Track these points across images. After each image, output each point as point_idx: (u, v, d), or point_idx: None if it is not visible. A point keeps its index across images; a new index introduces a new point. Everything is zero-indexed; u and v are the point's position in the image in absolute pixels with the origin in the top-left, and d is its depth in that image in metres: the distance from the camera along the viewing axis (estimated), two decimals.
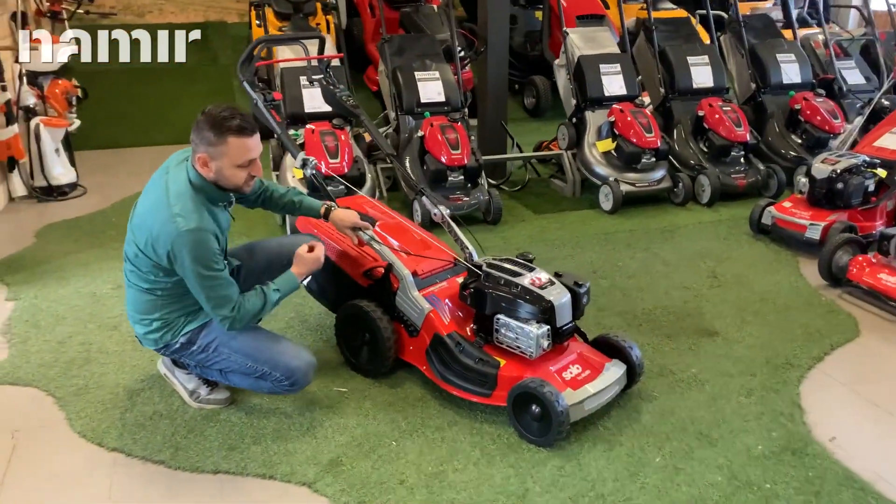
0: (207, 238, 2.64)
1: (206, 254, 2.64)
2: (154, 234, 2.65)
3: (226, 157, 2.66)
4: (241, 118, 2.66)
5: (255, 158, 2.75)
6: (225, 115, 2.64)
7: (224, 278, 2.71)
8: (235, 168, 2.70)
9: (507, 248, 4.62)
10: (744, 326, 3.64)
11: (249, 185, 2.82)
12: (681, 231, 4.93)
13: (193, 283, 2.67)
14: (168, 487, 2.57)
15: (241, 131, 2.65)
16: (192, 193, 2.68)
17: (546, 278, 2.93)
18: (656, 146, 5.25)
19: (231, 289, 2.73)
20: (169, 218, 2.62)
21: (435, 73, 5.37)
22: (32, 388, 3.13)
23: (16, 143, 5.47)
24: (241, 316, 2.73)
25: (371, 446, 2.75)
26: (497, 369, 2.85)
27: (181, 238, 2.59)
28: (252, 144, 2.71)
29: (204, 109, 2.68)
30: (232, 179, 2.73)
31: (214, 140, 2.63)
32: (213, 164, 2.67)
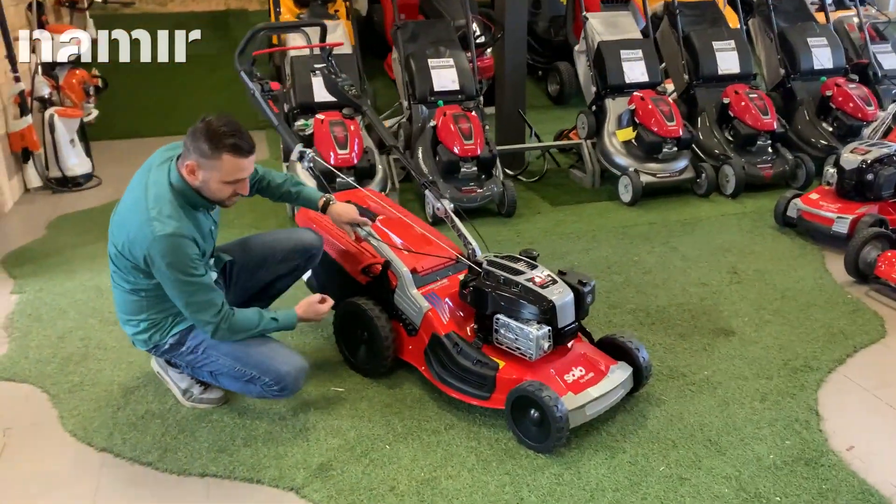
0: (184, 243, 2.55)
1: (183, 259, 2.54)
2: (131, 236, 2.58)
3: (216, 171, 2.58)
4: (239, 136, 2.57)
5: (245, 178, 2.67)
6: (224, 130, 2.54)
7: (203, 284, 2.61)
8: (223, 184, 2.62)
9: (520, 242, 4.49)
10: (762, 326, 3.47)
11: (232, 201, 2.72)
12: (702, 224, 4.75)
13: (170, 288, 2.59)
14: (154, 491, 2.51)
15: (237, 150, 2.57)
16: (172, 196, 2.59)
17: (548, 277, 2.80)
18: (678, 135, 5.07)
19: (212, 294, 2.64)
20: (146, 221, 2.53)
21: (449, 61, 5.24)
22: (28, 385, 3.10)
23: (30, 135, 5.47)
24: (227, 325, 2.65)
25: (364, 450, 2.66)
26: (495, 371, 2.74)
27: (157, 243, 2.51)
28: (245, 164, 2.63)
29: (204, 117, 2.59)
30: (217, 193, 2.65)
31: (209, 153, 2.54)
32: (201, 174, 2.59)
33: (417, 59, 5.22)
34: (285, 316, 2.81)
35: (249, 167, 2.65)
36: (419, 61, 5.21)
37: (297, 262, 3.09)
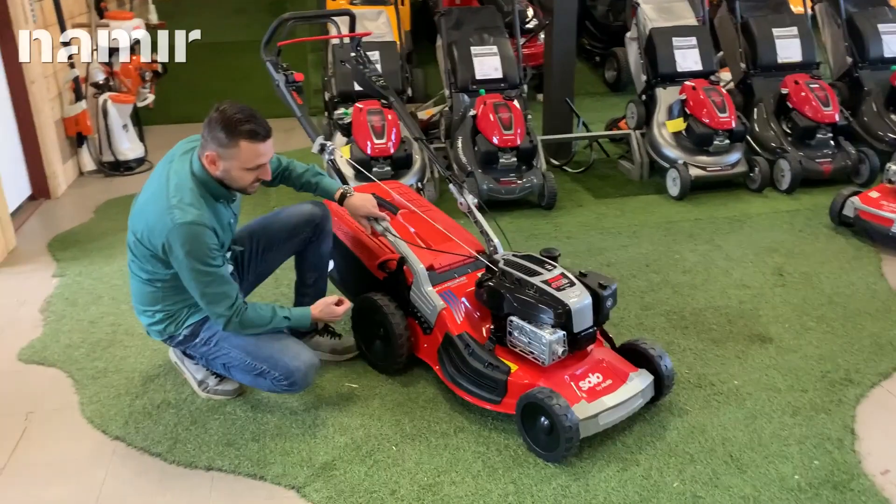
0: (203, 232, 2.55)
1: (202, 248, 2.54)
2: (150, 224, 2.59)
3: (235, 159, 2.58)
4: (255, 122, 2.56)
5: (265, 163, 2.66)
6: (239, 117, 2.54)
7: (220, 275, 2.61)
8: (244, 171, 2.62)
9: (557, 237, 4.37)
10: (803, 333, 3.28)
11: (254, 188, 2.72)
12: (752, 221, 4.53)
13: (187, 277, 2.59)
14: (159, 482, 2.52)
15: (253, 136, 2.56)
16: (193, 185, 2.60)
17: (566, 278, 2.69)
18: (730, 127, 4.84)
19: (227, 286, 2.64)
20: (166, 209, 2.54)
21: (492, 48, 5.13)
22: (55, 369, 3.17)
23: (83, 119, 5.61)
24: (240, 319, 2.64)
25: (370, 449, 2.62)
26: (507, 375, 2.65)
27: (176, 231, 2.52)
28: (263, 150, 2.61)
29: (218, 106, 2.58)
30: (238, 181, 2.65)
31: (226, 142, 2.54)
32: (222, 164, 2.59)
33: (460, 46, 5.12)
34: (299, 314, 2.78)
35: (268, 151, 2.64)
36: (462, 49, 5.11)
37: (304, 234, 3.03)
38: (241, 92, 7.73)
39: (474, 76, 5.06)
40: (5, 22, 4.84)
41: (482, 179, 4.65)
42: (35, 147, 5.17)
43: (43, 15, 5.28)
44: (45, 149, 5.21)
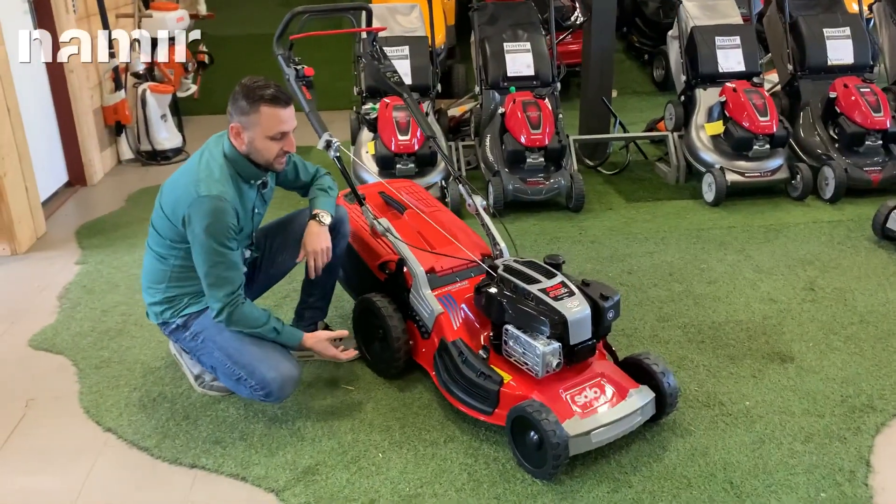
0: (225, 208, 2.54)
1: (219, 226, 2.53)
2: (177, 196, 2.61)
3: (258, 126, 2.58)
4: (276, 89, 2.59)
5: (288, 132, 2.65)
6: (259, 84, 2.59)
7: (230, 259, 2.60)
8: (267, 140, 2.61)
9: (581, 241, 4.24)
10: (827, 353, 3.09)
11: (282, 163, 2.71)
12: (789, 231, 4.32)
13: (198, 251, 2.57)
14: (142, 477, 2.51)
15: (273, 101, 2.57)
16: (223, 164, 2.62)
17: (565, 287, 2.58)
18: (771, 132, 4.62)
19: (234, 273, 2.61)
20: (192, 182, 2.57)
21: (525, 45, 5.01)
22: (62, 357, 3.20)
23: (122, 108, 5.70)
24: (233, 311, 2.60)
25: (355, 455, 2.56)
26: (499, 386, 2.56)
27: (198, 203, 2.52)
28: (285, 116, 2.61)
29: (241, 81, 2.62)
30: (264, 153, 2.64)
31: (247, 109, 2.56)
32: (246, 135, 2.60)
33: (492, 42, 5.02)
34: (290, 333, 2.72)
35: (289, 119, 2.62)
36: (494, 45, 5.01)
37: None
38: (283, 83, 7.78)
39: (505, 73, 4.95)
40: (46, 12, 4.94)
41: (508, 179, 4.55)
42: (73, 135, 5.27)
43: (85, 6, 5.38)
44: (82, 137, 5.30)
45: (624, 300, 3.54)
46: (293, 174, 2.98)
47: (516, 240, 4.24)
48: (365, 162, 4.65)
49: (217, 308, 2.61)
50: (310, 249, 2.80)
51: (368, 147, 4.66)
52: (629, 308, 3.49)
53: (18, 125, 4.29)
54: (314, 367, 3.07)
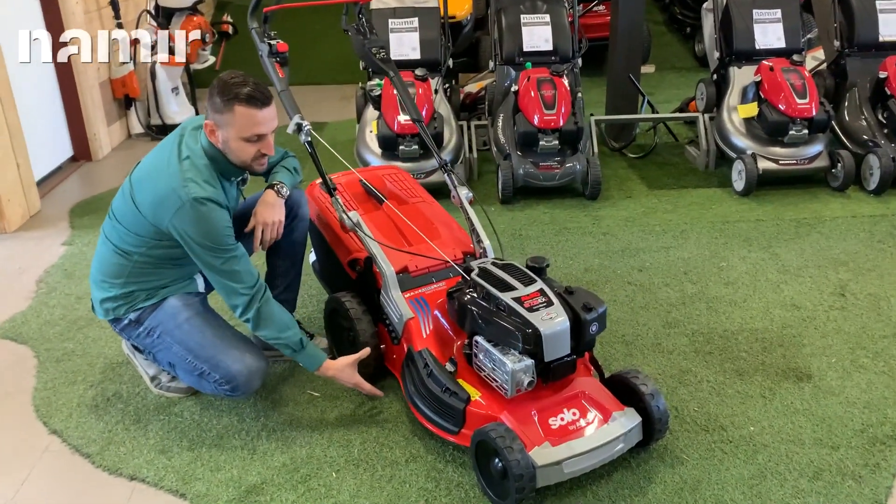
0: (218, 211, 2.36)
1: (217, 228, 2.36)
2: (160, 194, 2.38)
3: (232, 127, 2.38)
4: (254, 87, 2.37)
5: (266, 134, 2.43)
6: (236, 80, 2.37)
7: (239, 254, 2.41)
8: (242, 141, 2.40)
9: (593, 232, 3.92)
10: (852, 372, 2.75)
11: (261, 165, 2.51)
12: (824, 226, 3.93)
13: (201, 258, 2.38)
14: (79, 488, 2.33)
15: (249, 100, 2.35)
16: (206, 162, 2.42)
17: (543, 296, 2.29)
18: (810, 115, 4.21)
19: (247, 265, 2.42)
20: (180, 182, 2.34)
21: (545, 17, 4.67)
22: (26, 348, 3.06)
23: (131, 81, 5.54)
24: (265, 307, 2.40)
25: (307, 473, 2.33)
26: (465, 404, 2.29)
27: (190, 207, 2.32)
28: (262, 117, 2.39)
29: (220, 75, 2.42)
30: (238, 154, 2.43)
31: (221, 107, 2.36)
32: (220, 134, 2.40)
33: (509, 13, 4.69)
34: (313, 351, 2.50)
35: (267, 121, 2.41)
36: (511, 16, 4.68)
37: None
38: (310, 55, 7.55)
39: (521, 47, 4.62)
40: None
41: (519, 163, 4.25)
42: (77, 108, 5.13)
43: None
44: (87, 110, 5.17)
45: (629, 302, 3.24)
46: None
47: (523, 230, 3.98)
48: (368, 142, 4.40)
49: (244, 303, 2.40)
50: (260, 220, 2.59)
51: (372, 126, 4.40)
52: (633, 311, 3.18)
53: (9, 102, 4.14)
54: (280, 367, 2.85)
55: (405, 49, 4.60)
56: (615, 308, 3.20)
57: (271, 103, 2.41)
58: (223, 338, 2.50)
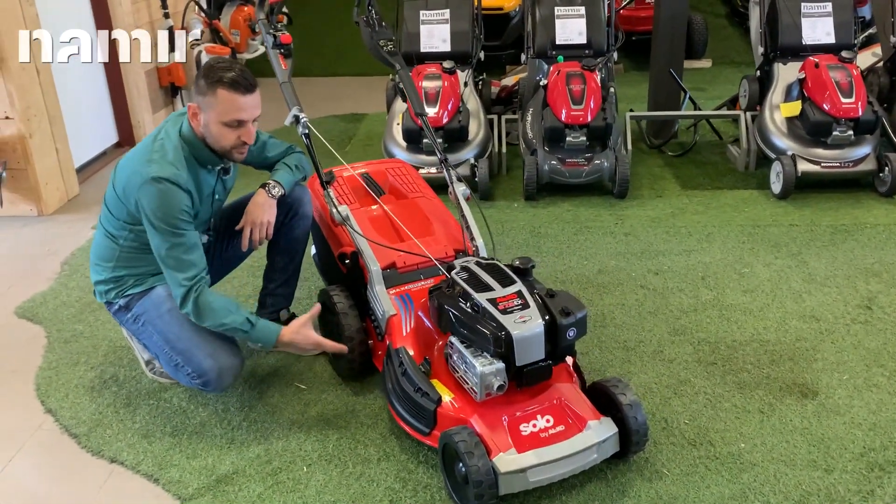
0: (175, 191, 2.37)
1: (171, 209, 2.36)
2: (128, 176, 2.45)
3: (212, 110, 2.39)
4: (240, 73, 2.39)
5: (247, 121, 2.43)
6: (221, 65, 2.40)
7: (188, 241, 2.41)
8: (222, 126, 2.41)
9: (615, 233, 3.81)
10: (862, 391, 2.58)
11: (241, 153, 2.51)
12: (861, 233, 3.71)
13: (153, 236, 2.40)
14: (62, 467, 2.40)
15: (232, 85, 2.37)
16: (178, 144, 2.45)
17: (520, 299, 2.23)
18: (856, 115, 3.97)
19: (194, 255, 2.41)
20: (145, 162, 2.40)
21: (579, 9, 4.54)
22: (39, 328, 3.16)
23: (176, 70, 5.66)
24: (199, 296, 2.38)
25: (278, 466, 2.34)
26: (436, 405, 2.25)
27: (148, 185, 2.36)
28: (243, 103, 2.39)
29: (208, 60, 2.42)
30: (219, 139, 2.44)
31: (205, 89, 2.38)
32: (202, 117, 2.42)
33: (543, 5, 4.58)
34: (266, 326, 2.45)
35: (249, 107, 2.41)
36: (545, 8, 4.57)
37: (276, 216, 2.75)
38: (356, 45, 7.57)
39: (554, 40, 4.51)
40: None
41: (545, 159, 4.15)
42: (122, 96, 5.28)
43: None
44: (131, 98, 5.31)
45: (637, 306, 3.13)
46: (258, 152, 2.76)
47: (542, 227, 3.91)
48: (395, 135, 4.38)
49: (181, 294, 2.40)
50: (248, 219, 2.60)
51: (400, 119, 4.38)
52: (641, 316, 3.07)
53: (49, 88, 4.29)
54: (273, 358, 2.88)
55: (435, 41, 4.55)
56: (621, 312, 3.09)
57: (255, 91, 2.41)
58: (200, 332, 2.49)
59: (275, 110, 2.99)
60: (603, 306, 3.15)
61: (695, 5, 7.76)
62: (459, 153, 4.27)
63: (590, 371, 2.71)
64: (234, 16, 6.50)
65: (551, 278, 3.37)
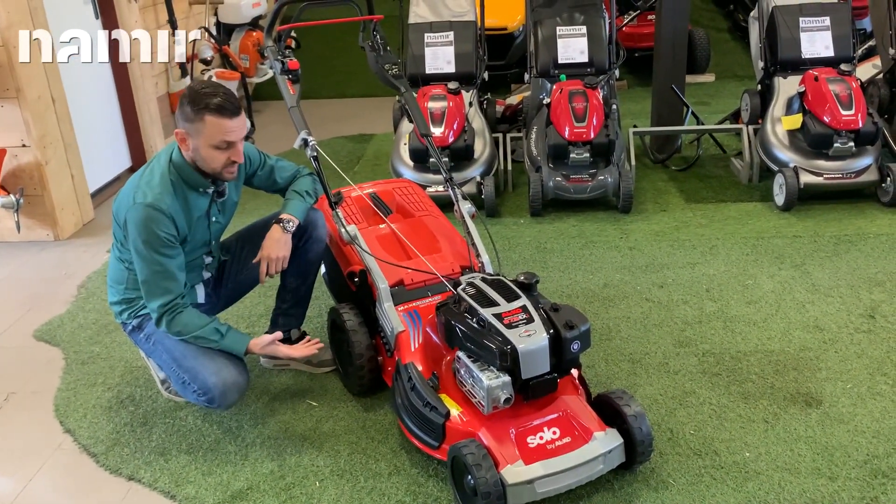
0: (156, 217, 2.44)
1: (152, 234, 2.44)
2: (119, 202, 2.56)
3: (201, 136, 2.46)
4: (224, 97, 2.45)
5: (235, 142, 2.50)
6: (206, 91, 2.47)
7: (169, 269, 2.48)
8: (212, 149, 2.48)
9: (619, 247, 3.86)
10: (866, 399, 2.62)
11: (231, 173, 2.57)
12: (865, 243, 3.75)
13: (136, 260, 2.49)
14: (80, 486, 2.46)
15: (218, 110, 2.44)
16: (167, 170, 2.52)
17: (525, 313, 2.28)
18: (856, 127, 4.02)
19: (172, 283, 2.50)
20: (133, 188, 2.51)
21: (581, 29, 4.62)
22: (58, 349, 3.24)
23: None
24: (172, 319, 2.48)
25: (291, 481, 2.39)
26: (444, 419, 2.31)
27: (133, 210, 2.45)
28: (231, 126, 2.47)
29: (190, 84, 2.49)
30: (209, 162, 2.51)
31: (192, 116, 2.45)
32: (191, 143, 2.49)
33: (545, 25, 4.67)
34: (235, 336, 2.56)
35: (236, 129, 2.48)
36: (547, 29, 4.66)
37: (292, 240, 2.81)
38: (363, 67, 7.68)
39: (556, 59, 4.59)
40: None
41: (549, 175, 4.22)
42: (135, 121, 5.39)
43: None
44: (143, 123, 5.42)
45: (643, 319, 3.18)
46: (267, 176, 2.83)
47: (548, 242, 3.96)
48: (402, 154, 4.46)
49: (156, 317, 2.51)
50: (264, 254, 2.66)
51: (406, 139, 4.46)
52: (646, 329, 3.12)
53: (64, 115, 4.39)
54: (286, 376, 2.93)
55: (440, 63, 4.64)
56: (627, 325, 3.14)
57: (241, 113, 2.48)
58: (206, 351, 2.55)
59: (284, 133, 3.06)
60: (608, 319, 3.19)
61: (697, 20, 7.86)
62: (466, 171, 4.34)
63: (596, 384, 2.76)
64: (243, 41, 6.65)
65: (557, 293, 3.43)
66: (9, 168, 4.18)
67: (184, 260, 2.57)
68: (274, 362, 2.97)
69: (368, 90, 7.15)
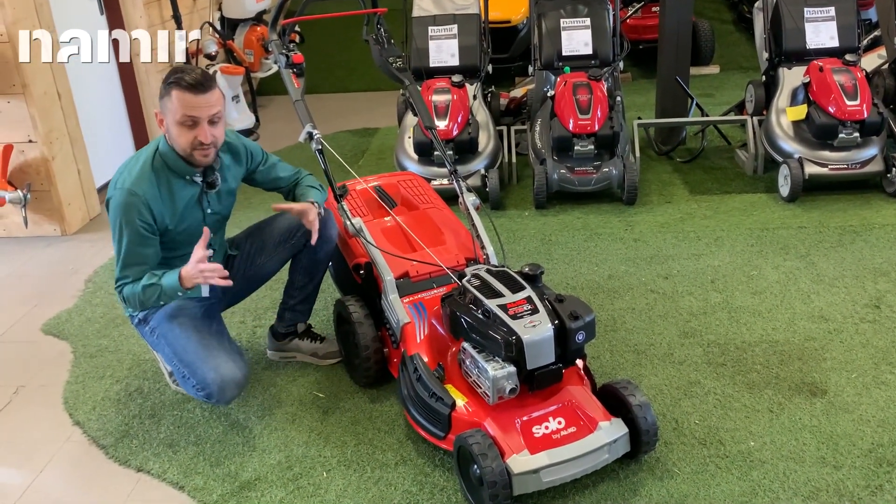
0: (132, 203, 2.44)
1: (126, 220, 2.44)
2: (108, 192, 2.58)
3: (170, 112, 2.46)
4: (196, 75, 2.43)
5: (200, 119, 2.44)
6: (182, 69, 2.46)
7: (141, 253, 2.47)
8: (178, 126, 2.45)
9: (624, 239, 3.86)
10: (871, 388, 2.62)
11: (204, 156, 2.51)
12: (870, 234, 3.74)
13: (113, 239, 2.51)
14: (89, 477, 2.48)
15: (184, 85, 2.41)
16: (150, 157, 2.53)
17: (529, 304, 2.29)
18: (861, 117, 4.01)
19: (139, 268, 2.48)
20: (118, 174, 2.53)
21: (585, 21, 4.61)
22: (65, 343, 3.26)
23: None
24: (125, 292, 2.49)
25: (299, 472, 2.41)
26: (450, 409, 2.32)
27: (113, 195, 2.48)
28: (196, 101, 2.42)
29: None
30: (178, 140, 2.48)
31: (163, 92, 2.47)
32: (165, 122, 2.50)
33: (549, 18, 4.66)
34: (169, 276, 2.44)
35: (202, 106, 2.43)
36: (550, 21, 4.65)
37: (299, 239, 2.82)
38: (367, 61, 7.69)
39: (560, 52, 4.58)
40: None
41: (554, 168, 4.22)
42: (140, 117, 5.41)
43: None
44: (149, 119, 5.43)
45: (648, 310, 3.19)
46: (268, 173, 2.84)
47: (553, 235, 3.97)
48: (406, 148, 4.47)
49: (115, 282, 2.53)
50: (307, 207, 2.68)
51: (411, 132, 4.46)
52: (651, 320, 3.12)
53: (70, 111, 4.41)
54: (292, 368, 2.95)
55: (444, 56, 4.65)
56: (632, 316, 3.15)
57: (211, 91, 2.44)
58: (206, 346, 2.56)
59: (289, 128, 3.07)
60: (614, 311, 3.20)
61: (701, 12, 7.82)
62: (470, 164, 4.35)
63: (601, 374, 2.77)
64: (247, 36, 6.65)
65: (562, 284, 3.44)
66: (16, 163, 4.21)
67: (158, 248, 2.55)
68: (280, 354, 2.99)
69: (372, 84, 7.15)
